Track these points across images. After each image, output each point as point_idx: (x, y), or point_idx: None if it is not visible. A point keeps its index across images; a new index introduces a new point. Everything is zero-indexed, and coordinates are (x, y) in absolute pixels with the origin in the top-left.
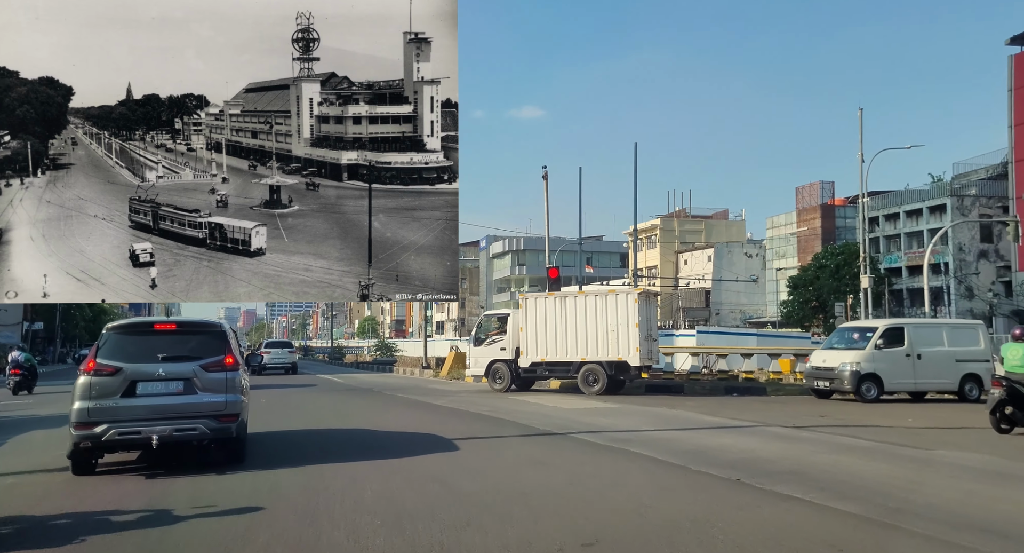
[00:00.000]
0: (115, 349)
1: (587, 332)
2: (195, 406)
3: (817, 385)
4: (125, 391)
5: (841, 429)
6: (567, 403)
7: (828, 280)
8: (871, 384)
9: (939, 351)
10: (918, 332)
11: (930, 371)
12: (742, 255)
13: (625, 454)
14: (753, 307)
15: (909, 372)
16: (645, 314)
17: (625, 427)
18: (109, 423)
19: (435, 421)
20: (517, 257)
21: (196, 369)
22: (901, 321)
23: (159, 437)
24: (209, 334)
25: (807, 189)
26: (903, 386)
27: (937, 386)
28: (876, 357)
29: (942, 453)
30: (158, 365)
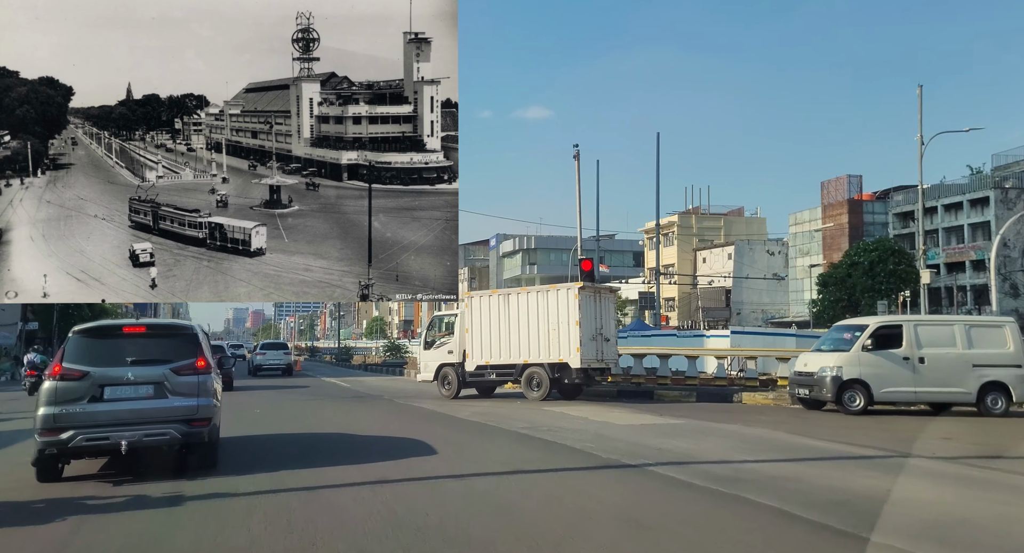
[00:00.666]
0: (82, 353)
1: (529, 332)
2: (166, 411)
3: (798, 393)
4: (92, 396)
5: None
6: (615, 417)
7: (861, 278)
8: (855, 392)
9: (949, 354)
10: (921, 331)
11: (936, 377)
12: (764, 252)
13: (750, 507)
14: (776, 307)
15: (907, 378)
16: (593, 311)
17: (711, 455)
18: (76, 429)
19: (463, 442)
20: (528, 256)
21: (166, 373)
22: (899, 318)
23: (128, 443)
24: (180, 337)
25: (833, 184)
26: (899, 395)
27: (944, 396)
28: (863, 360)
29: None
30: (127, 369)
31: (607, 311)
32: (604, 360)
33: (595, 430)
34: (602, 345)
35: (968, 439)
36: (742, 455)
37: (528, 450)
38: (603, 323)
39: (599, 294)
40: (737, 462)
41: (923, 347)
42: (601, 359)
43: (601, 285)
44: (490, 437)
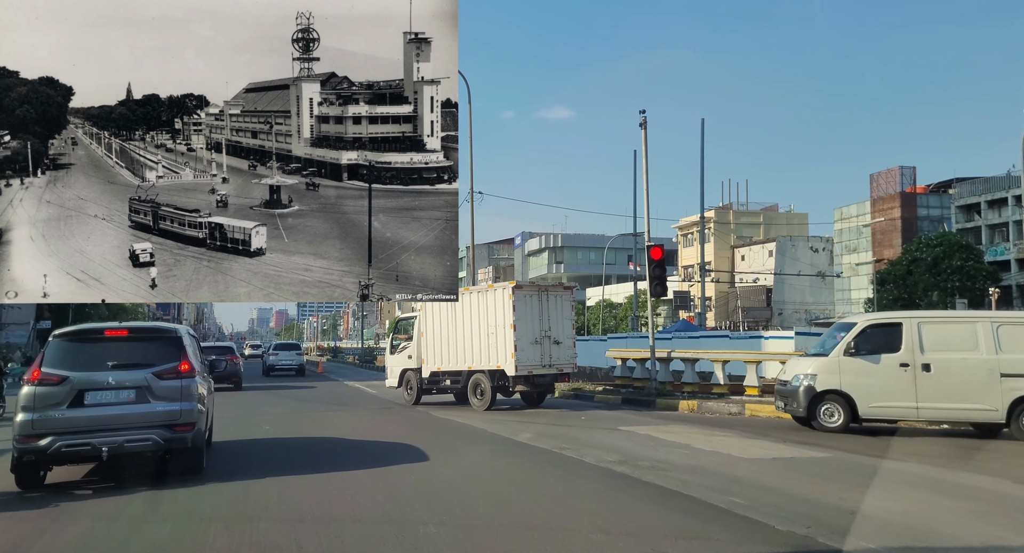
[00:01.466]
0: (62, 357)
1: (472, 336)
2: (148, 416)
3: (778, 405)
4: (72, 401)
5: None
6: (726, 445)
7: (924, 275)
8: (834, 406)
9: (968, 360)
10: (928, 331)
11: (947, 390)
12: (807, 249)
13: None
14: (820, 306)
15: (904, 391)
16: (537, 312)
17: (956, 529)
18: (55, 435)
19: (543, 488)
20: (554, 254)
21: (149, 377)
22: (899, 314)
23: (109, 449)
24: (163, 340)
25: (883, 176)
26: (893, 411)
27: (958, 414)
28: (845, 367)
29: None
30: (108, 373)
31: (559, 312)
32: (553, 364)
33: (717, 468)
34: (550, 349)
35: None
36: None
37: (647, 509)
38: (552, 325)
39: (545, 293)
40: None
41: (929, 351)
42: (549, 364)
43: (550, 284)
44: (578, 478)
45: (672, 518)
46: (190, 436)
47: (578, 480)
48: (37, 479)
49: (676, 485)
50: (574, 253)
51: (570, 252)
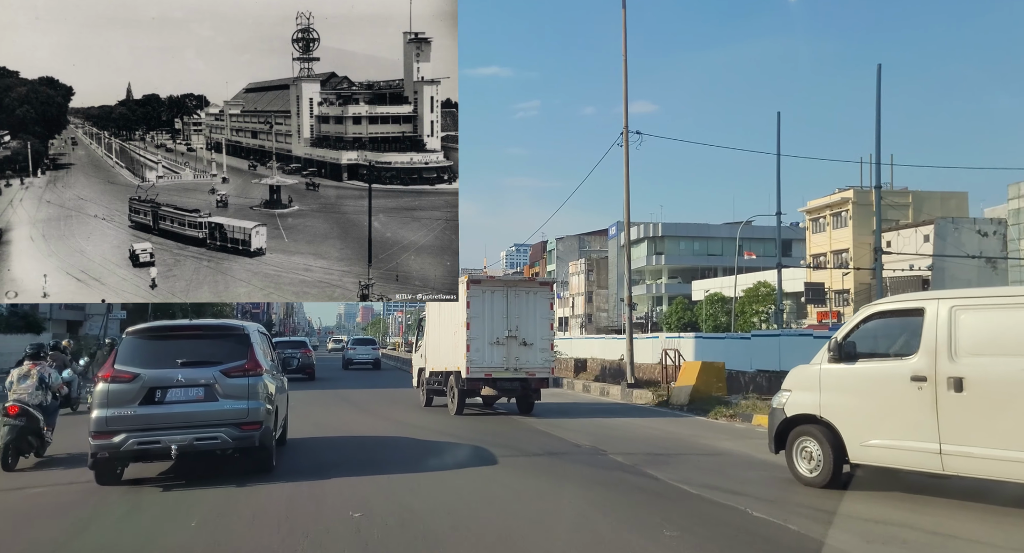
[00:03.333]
0: (133, 354)
1: (445, 336)
2: (216, 414)
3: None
4: (144, 398)
5: None
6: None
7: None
8: (810, 441)
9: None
10: (966, 322)
11: (995, 423)
12: (973, 233)
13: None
14: None
15: (921, 421)
16: (502, 310)
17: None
18: (128, 432)
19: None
20: (654, 245)
21: (216, 374)
22: (924, 295)
23: (178, 446)
24: (231, 337)
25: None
26: (902, 457)
27: (1016, 470)
28: (829, 380)
29: None
30: (177, 371)
31: (531, 310)
32: (521, 368)
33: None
34: (516, 350)
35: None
36: None
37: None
38: (520, 324)
39: (512, 290)
40: None
41: (966, 355)
42: (515, 367)
43: (518, 279)
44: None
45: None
46: (257, 434)
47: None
48: (114, 475)
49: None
50: (676, 243)
51: (672, 242)
